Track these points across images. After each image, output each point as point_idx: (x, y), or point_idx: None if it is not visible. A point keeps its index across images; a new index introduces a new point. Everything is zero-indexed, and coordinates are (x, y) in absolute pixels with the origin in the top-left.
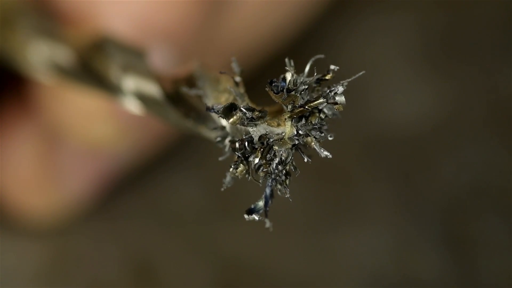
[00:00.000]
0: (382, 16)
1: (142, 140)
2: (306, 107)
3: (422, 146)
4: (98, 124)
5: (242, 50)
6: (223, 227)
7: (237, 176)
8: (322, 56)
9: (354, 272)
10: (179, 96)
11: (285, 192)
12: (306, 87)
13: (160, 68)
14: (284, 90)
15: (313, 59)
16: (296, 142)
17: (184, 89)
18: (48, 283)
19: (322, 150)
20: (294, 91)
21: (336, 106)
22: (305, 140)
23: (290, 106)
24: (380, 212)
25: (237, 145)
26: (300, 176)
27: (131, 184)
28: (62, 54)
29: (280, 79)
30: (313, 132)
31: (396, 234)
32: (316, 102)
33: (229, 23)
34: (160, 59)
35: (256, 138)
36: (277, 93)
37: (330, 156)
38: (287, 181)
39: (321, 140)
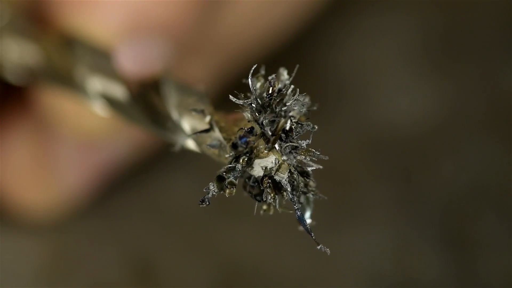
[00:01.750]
0: (382, 17)
1: (139, 133)
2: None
3: (422, 146)
4: (92, 115)
5: (240, 46)
6: (223, 227)
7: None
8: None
9: (354, 272)
10: (144, 99)
11: (313, 206)
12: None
13: (129, 69)
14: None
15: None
16: (291, 162)
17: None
18: (48, 283)
19: (313, 164)
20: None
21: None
22: (296, 157)
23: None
24: (380, 212)
25: (253, 192)
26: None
27: (131, 184)
28: (30, 53)
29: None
30: (297, 145)
31: (396, 234)
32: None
33: (227, 19)
34: (157, 52)
35: (260, 177)
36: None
37: (326, 157)
38: (311, 197)
39: (307, 151)
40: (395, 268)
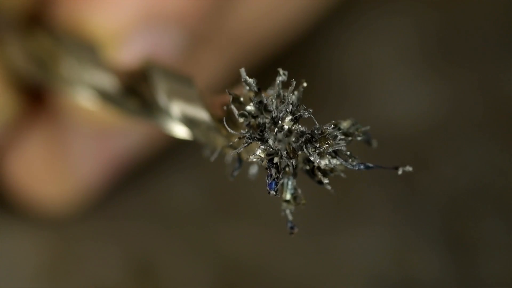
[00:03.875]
0: (384, 19)
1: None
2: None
3: (421, 146)
4: None
5: (254, 40)
6: (224, 227)
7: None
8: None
9: (354, 273)
10: (133, 88)
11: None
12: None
13: (130, 59)
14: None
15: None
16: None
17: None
18: (48, 283)
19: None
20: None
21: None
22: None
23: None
24: (380, 212)
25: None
26: (300, 177)
27: (132, 185)
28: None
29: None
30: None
31: (396, 235)
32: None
33: (240, 11)
34: (170, 41)
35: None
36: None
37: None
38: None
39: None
40: (395, 268)
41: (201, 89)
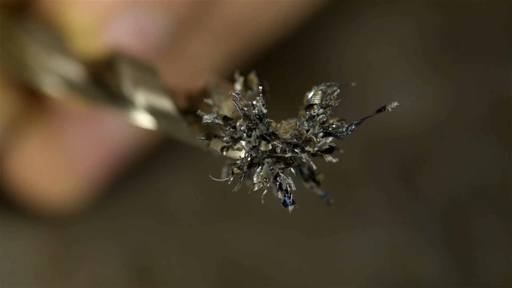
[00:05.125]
0: (383, 18)
1: None
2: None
3: (422, 146)
4: None
5: (252, 32)
6: (223, 227)
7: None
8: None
9: (354, 273)
10: (99, 78)
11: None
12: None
13: (125, 41)
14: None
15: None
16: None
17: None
18: (48, 283)
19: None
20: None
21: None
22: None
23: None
24: (380, 212)
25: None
26: (293, 192)
27: (131, 184)
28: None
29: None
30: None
31: (396, 235)
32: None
33: (229, 3)
34: (155, 26)
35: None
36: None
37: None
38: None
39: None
40: (395, 268)
41: (165, 79)
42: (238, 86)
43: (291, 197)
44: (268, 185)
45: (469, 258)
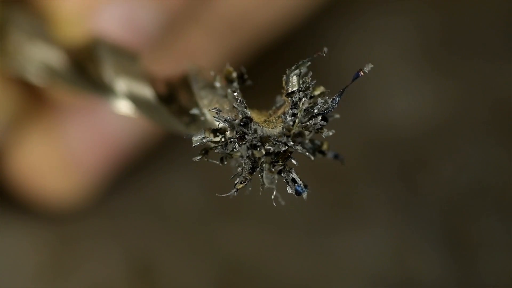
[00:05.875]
0: (384, 18)
1: None
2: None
3: (422, 146)
4: None
5: (254, 29)
6: (223, 227)
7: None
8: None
9: (354, 273)
10: (80, 65)
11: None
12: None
13: (114, 31)
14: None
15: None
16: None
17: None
18: (48, 282)
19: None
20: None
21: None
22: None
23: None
24: (380, 213)
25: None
26: (301, 178)
27: (131, 183)
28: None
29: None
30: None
31: (396, 235)
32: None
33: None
34: (146, 18)
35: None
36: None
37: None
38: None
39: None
40: (395, 269)
41: (146, 66)
42: (217, 84)
43: (301, 184)
44: (274, 186)
45: (469, 258)
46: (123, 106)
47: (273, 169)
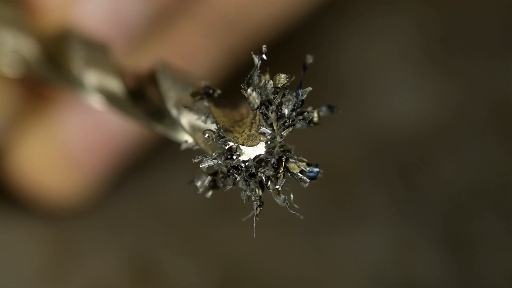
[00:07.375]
0: (383, 18)
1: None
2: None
3: (422, 146)
4: None
5: (252, 27)
6: (223, 227)
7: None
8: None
9: (354, 273)
10: (52, 56)
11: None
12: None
13: (99, 20)
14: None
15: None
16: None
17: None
18: (48, 282)
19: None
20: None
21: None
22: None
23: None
24: (380, 213)
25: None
26: (307, 162)
27: (131, 184)
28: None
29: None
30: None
31: (396, 235)
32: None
33: None
34: (133, 10)
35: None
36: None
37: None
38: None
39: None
40: (395, 268)
41: (117, 58)
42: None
43: (312, 170)
44: (280, 188)
45: (469, 258)
46: (94, 100)
47: (278, 179)
